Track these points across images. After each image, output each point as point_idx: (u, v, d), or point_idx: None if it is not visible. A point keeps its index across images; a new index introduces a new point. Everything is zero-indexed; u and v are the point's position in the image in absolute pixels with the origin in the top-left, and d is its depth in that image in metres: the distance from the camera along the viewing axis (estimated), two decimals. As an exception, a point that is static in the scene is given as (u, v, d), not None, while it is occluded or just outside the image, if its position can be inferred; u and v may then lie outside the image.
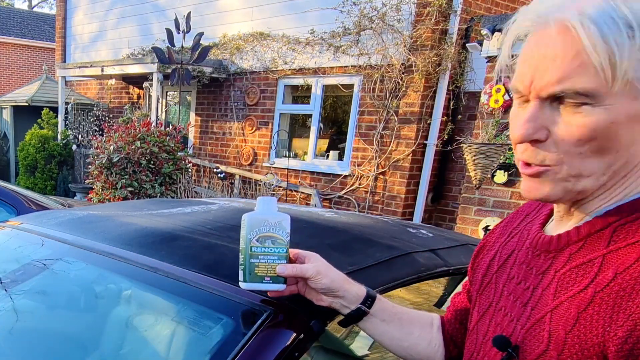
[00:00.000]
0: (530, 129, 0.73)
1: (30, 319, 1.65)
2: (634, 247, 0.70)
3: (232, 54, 8.43)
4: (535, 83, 0.72)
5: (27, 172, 10.17)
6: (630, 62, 0.66)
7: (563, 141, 0.72)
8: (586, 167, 0.72)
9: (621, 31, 0.66)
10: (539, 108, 0.73)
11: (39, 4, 34.27)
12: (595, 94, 0.68)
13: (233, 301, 1.17)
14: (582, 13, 0.68)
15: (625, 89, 0.67)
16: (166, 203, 2.11)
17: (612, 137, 0.69)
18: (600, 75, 0.67)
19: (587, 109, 0.69)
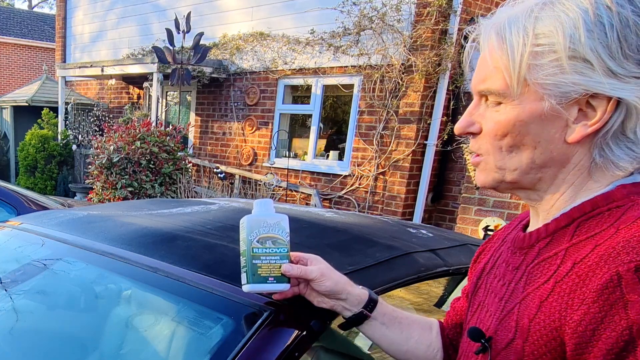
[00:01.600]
0: (464, 122, 0.86)
1: (30, 319, 1.65)
2: (591, 240, 0.75)
3: (232, 54, 8.43)
4: (473, 81, 0.85)
5: (27, 172, 10.17)
6: (524, 66, 0.76)
7: (486, 135, 0.83)
8: (508, 162, 0.82)
9: (519, 38, 0.76)
10: (475, 104, 0.85)
11: (39, 4, 34.28)
12: (504, 94, 0.79)
13: (233, 301, 1.17)
14: (495, 25, 0.80)
15: (526, 90, 0.77)
16: (166, 203, 2.11)
17: (523, 133, 0.78)
18: (503, 78, 0.78)
19: (502, 107, 0.80)
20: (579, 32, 0.73)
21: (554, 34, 0.74)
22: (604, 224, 0.75)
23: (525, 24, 0.76)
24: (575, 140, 0.76)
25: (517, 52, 0.76)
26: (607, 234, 0.74)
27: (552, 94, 0.75)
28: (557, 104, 0.75)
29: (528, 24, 0.76)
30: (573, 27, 0.73)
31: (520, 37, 0.76)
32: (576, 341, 0.70)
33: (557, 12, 0.74)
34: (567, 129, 0.76)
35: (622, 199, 0.76)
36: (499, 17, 0.80)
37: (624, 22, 0.72)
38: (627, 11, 0.72)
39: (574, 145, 0.77)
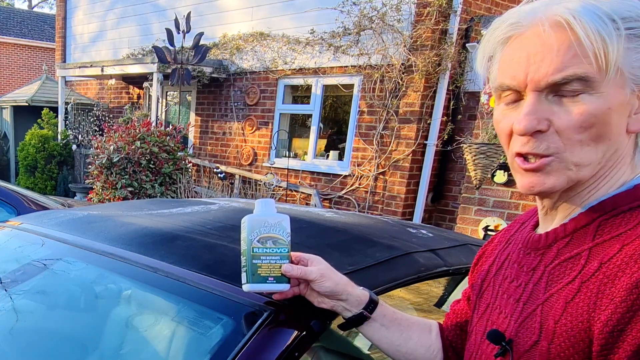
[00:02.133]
0: (534, 121, 0.76)
1: (30, 319, 1.65)
2: (617, 239, 0.74)
3: (232, 54, 8.43)
4: (531, 76, 0.76)
5: (27, 172, 10.17)
6: (619, 51, 0.72)
7: (565, 129, 0.75)
8: (585, 156, 0.76)
9: (606, 24, 0.72)
10: (537, 101, 0.76)
11: (39, 4, 34.28)
12: (593, 80, 0.73)
13: (233, 301, 1.17)
14: (570, 9, 0.74)
15: (616, 77, 0.73)
16: (166, 203, 2.11)
17: (608, 123, 0.74)
18: (594, 64, 0.72)
19: (585, 96, 0.74)
20: None
21: None
22: (628, 223, 0.75)
23: (604, 10, 0.73)
24: (639, 130, 0.76)
25: (612, 35, 0.72)
26: (634, 234, 0.73)
27: (634, 80, 0.74)
28: (636, 90, 0.74)
29: (606, 9, 0.73)
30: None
31: (607, 23, 0.72)
32: (603, 342, 0.69)
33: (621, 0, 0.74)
34: (628, 119, 0.76)
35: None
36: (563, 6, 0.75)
37: None
38: None
39: (627, 135, 0.77)
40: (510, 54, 0.79)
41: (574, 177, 0.77)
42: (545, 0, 0.78)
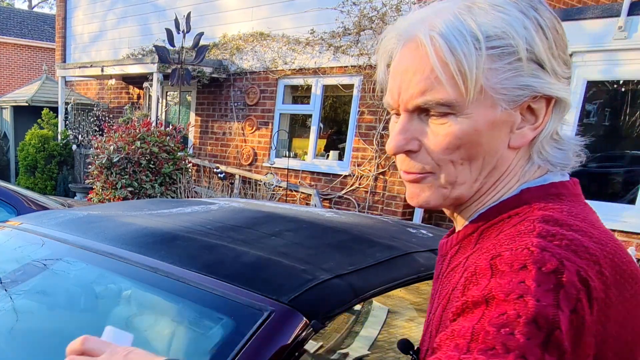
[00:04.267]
0: (402, 141, 0.76)
1: (30, 319, 1.65)
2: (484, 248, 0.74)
3: (232, 54, 8.43)
4: (401, 96, 0.76)
5: (27, 172, 10.17)
6: (480, 72, 0.70)
7: (434, 150, 0.75)
8: (459, 175, 0.76)
9: (468, 43, 0.70)
10: (408, 120, 0.76)
11: (39, 4, 34.27)
12: (455, 104, 0.71)
13: (233, 301, 1.17)
14: (432, 29, 0.72)
15: (481, 97, 0.71)
16: (166, 203, 2.11)
17: (477, 143, 0.73)
18: (454, 87, 0.71)
19: (452, 118, 0.73)
20: (530, 32, 0.71)
21: (508, 35, 0.70)
22: (499, 231, 0.75)
23: (468, 27, 0.70)
24: (522, 145, 0.75)
25: (472, 56, 0.70)
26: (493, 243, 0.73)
27: (505, 99, 0.72)
28: (511, 109, 0.72)
29: (471, 26, 0.70)
30: (522, 28, 0.70)
31: (469, 42, 0.70)
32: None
33: (496, 14, 0.71)
34: (510, 135, 0.74)
35: (523, 204, 0.75)
36: (428, 23, 0.73)
37: (552, 24, 0.73)
38: (548, 14, 0.73)
39: (513, 150, 0.76)
40: (393, 68, 0.78)
41: (448, 194, 0.78)
42: (426, 11, 0.76)
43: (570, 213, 0.72)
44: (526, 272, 0.63)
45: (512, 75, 0.71)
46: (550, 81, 0.72)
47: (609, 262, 0.66)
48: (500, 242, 0.70)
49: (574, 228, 0.68)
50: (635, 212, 4.63)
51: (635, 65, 4.64)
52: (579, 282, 0.62)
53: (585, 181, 5.37)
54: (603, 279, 0.64)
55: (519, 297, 0.61)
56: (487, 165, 0.75)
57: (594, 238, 0.68)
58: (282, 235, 1.51)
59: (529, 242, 0.65)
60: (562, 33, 0.75)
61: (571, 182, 0.79)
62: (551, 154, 0.77)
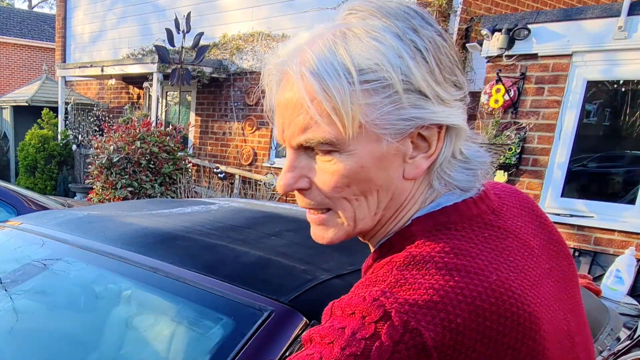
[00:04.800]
0: (291, 179, 0.73)
1: (30, 319, 1.65)
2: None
3: (232, 54, 8.43)
4: (285, 133, 0.72)
5: (27, 172, 10.17)
6: (356, 108, 0.65)
7: (323, 189, 0.71)
8: (357, 211, 0.72)
9: (340, 78, 0.65)
10: (295, 157, 0.72)
11: (39, 4, 34.28)
12: (335, 142, 0.67)
13: (233, 301, 1.17)
14: (303, 63, 0.67)
15: (363, 133, 0.67)
16: (166, 203, 2.11)
17: (366, 179, 0.69)
18: (331, 125, 0.66)
19: (336, 155, 0.69)
20: (405, 61, 0.66)
21: (381, 67, 0.65)
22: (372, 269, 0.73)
23: (340, 60, 0.65)
24: (417, 176, 0.71)
25: (345, 93, 0.65)
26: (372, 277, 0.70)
27: (389, 132, 0.67)
28: (396, 141, 0.68)
29: (343, 59, 0.65)
30: (397, 57, 0.65)
31: (341, 76, 0.65)
32: None
33: (370, 42, 0.66)
34: (404, 165, 0.70)
35: (410, 237, 0.72)
36: (300, 56, 0.68)
37: (434, 44, 0.68)
38: (431, 33, 0.69)
39: (410, 180, 0.72)
40: (276, 102, 0.74)
41: (351, 231, 0.75)
42: (299, 43, 0.71)
43: (443, 250, 0.68)
44: (351, 319, 0.63)
45: (392, 109, 0.66)
46: (435, 110, 0.68)
47: (466, 307, 0.62)
48: (359, 285, 0.70)
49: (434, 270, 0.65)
50: (635, 212, 4.63)
51: (635, 65, 4.64)
52: (405, 334, 0.60)
53: (585, 181, 5.34)
54: (451, 327, 0.61)
55: (329, 343, 0.62)
56: (383, 198, 0.72)
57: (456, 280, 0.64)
58: (282, 235, 1.51)
59: (370, 291, 0.65)
60: (448, 50, 0.70)
61: (469, 202, 0.73)
62: (455, 177, 0.73)
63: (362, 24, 0.67)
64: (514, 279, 0.68)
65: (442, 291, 0.63)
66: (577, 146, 5.00)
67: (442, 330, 0.61)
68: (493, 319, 0.63)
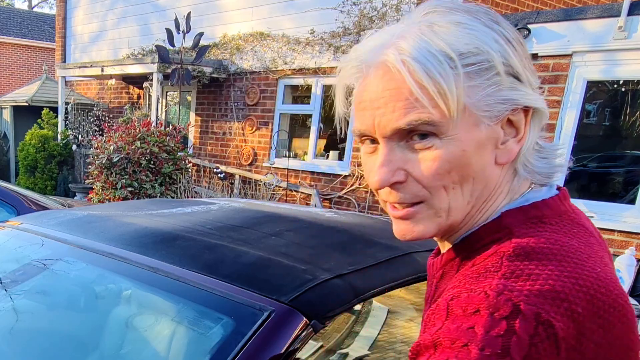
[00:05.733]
0: (388, 173, 0.72)
1: (30, 319, 1.65)
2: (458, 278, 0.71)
3: (232, 54, 8.43)
4: (377, 121, 0.72)
5: (27, 172, 10.17)
6: (460, 90, 0.67)
7: (423, 177, 0.71)
8: (452, 200, 0.72)
9: (442, 63, 0.67)
10: (389, 150, 0.72)
11: (39, 4, 34.28)
12: (439, 124, 0.68)
13: (233, 301, 1.17)
14: (401, 52, 0.69)
15: (465, 116, 0.68)
16: (166, 203, 2.11)
17: (466, 165, 0.70)
18: (435, 108, 0.67)
19: (437, 142, 0.69)
20: (503, 46, 0.69)
21: (482, 51, 0.68)
22: (472, 262, 0.72)
23: (438, 48, 0.67)
24: (509, 160, 0.73)
25: (449, 76, 0.67)
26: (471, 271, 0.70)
27: (488, 115, 0.69)
28: (493, 124, 0.70)
29: (440, 46, 0.67)
30: (495, 42, 0.69)
31: (442, 62, 0.67)
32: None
33: (463, 30, 0.68)
34: (496, 151, 0.72)
35: (504, 229, 0.72)
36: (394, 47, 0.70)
37: (514, 35, 0.72)
38: (508, 25, 0.72)
39: (499, 167, 0.73)
40: (359, 96, 0.75)
41: (443, 223, 0.74)
42: (384, 36, 0.73)
43: (548, 241, 0.68)
44: (478, 316, 0.61)
45: (493, 91, 0.69)
46: (528, 92, 0.71)
47: (584, 297, 0.63)
48: (466, 278, 0.68)
49: (546, 261, 0.65)
50: (635, 212, 4.63)
51: (635, 65, 4.64)
52: (537, 326, 0.59)
53: (585, 181, 5.33)
54: (574, 317, 0.61)
55: (463, 346, 0.60)
56: (477, 185, 0.72)
57: (568, 271, 0.65)
58: (282, 235, 1.51)
59: (488, 285, 0.63)
60: (525, 45, 0.74)
61: (556, 199, 0.75)
62: (536, 165, 0.75)
63: (446, 19, 0.70)
64: (610, 272, 0.69)
65: (560, 281, 0.63)
66: (577, 146, 5.00)
67: (568, 320, 0.61)
68: (605, 308, 0.64)
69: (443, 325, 0.63)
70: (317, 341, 1.61)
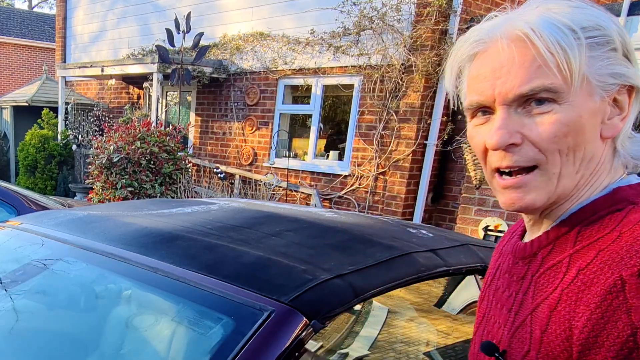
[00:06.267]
0: (506, 135, 0.76)
1: (30, 319, 1.65)
2: (594, 245, 0.74)
3: (232, 54, 8.43)
4: (498, 90, 0.76)
5: (27, 172, 10.17)
6: (583, 60, 0.73)
7: (540, 140, 0.75)
8: (564, 166, 0.76)
9: (566, 35, 0.73)
10: (507, 115, 0.76)
11: (39, 4, 34.27)
12: (560, 90, 0.73)
13: (233, 301, 1.17)
14: (529, 23, 0.75)
15: (583, 85, 0.74)
16: (166, 203, 2.11)
17: (582, 131, 0.75)
18: (559, 75, 0.73)
19: (555, 107, 0.74)
20: (619, 26, 0.76)
21: (602, 26, 0.74)
22: (605, 228, 0.74)
23: (562, 21, 0.74)
24: (614, 135, 0.77)
25: (573, 45, 0.73)
26: (609, 239, 0.72)
27: (601, 87, 0.75)
28: (607, 97, 0.75)
29: (563, 21, 0.74)
30: (611, 22, 0.75)
31: (566, 33, 0.73)
32: (579, 349, 0.69)
33: (583, 10, 0.75)
34: (602, 126, 0.76)
35: (621, 201, 0.76)
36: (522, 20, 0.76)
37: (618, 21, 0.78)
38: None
39: (603, 142, 0.77)
40: (476, 70, 0.80)
41: (553, 190, 0.77)
42: (506, 16, 0.79)
43: None
44: None
45: (608, 64, 0.74)
46: (637, 72, 0.76)
47: None
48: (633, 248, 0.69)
49: None
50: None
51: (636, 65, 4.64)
52: None
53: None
54: None
55: None
56: (587, 154, 0.76)
57: None
58: (282, 235, 1.51)
59: None
60: None
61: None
62: (631, 148, 0.80)
63: (562, 3, 0.76)
64: None
65: None
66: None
67: None
68: None
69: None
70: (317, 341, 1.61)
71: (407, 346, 2.50)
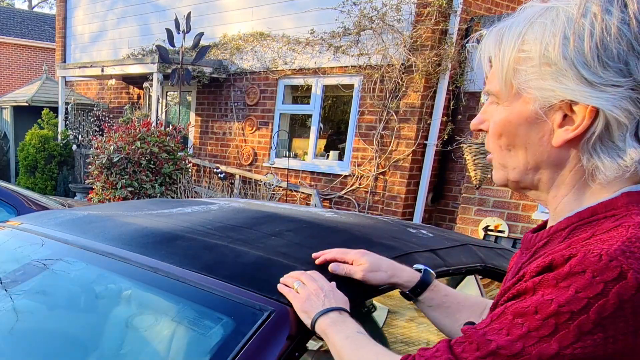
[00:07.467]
0: (477, 119, 0.90)
1: (30, 319, 1.65)
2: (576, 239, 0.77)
3: (232, 54, 8.43)
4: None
5: (27, 172, 10.17)
6: (509, 70, 0.80)
7: (488, 134, 0.88)
8: (508, 160, 0.86)
9: (496, 46, 0.83)
10: (489, 104, 0.88)
11: (39, 4, 34.28)
12: (496, 94, 0.84)
13: (233, 301, 1.17)
14: (500, 27, 0.84)
15: (511, 92, 0.81)
16: (166, 203, 2.11)
17: (513, 134, 0.82)
18: (498, 81, 0.82)
19: (500, 108, 0.84)
20: (555, 40, 0.75)
21: (534, 41, 0.77)
22: (589, 230, 0.76)
23: (521, 30, 0.79)
24: (558, 145, 0.78)
25: (506, 55, 0.80)
26: (582, 238, 0.75)
27: (535, 99, 0.78)
28: (539, 108, 0.78)
29: (523, 29, 0.79)
30: (551, 35, 0.76)
31: (511, 42, 0.80)
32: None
33: (547, 20, 0.77)
34: (553, 133, 0.79)
35: (621, 207, 0.76)
36: (506, 22, 0.83)
37: (606, 31, 0.72)
38: (614, 19, 0.72)
39: (566, 149, 0.79)
40: None
41: (504, 176, 0.88)
42: (516, 14, 0.84)
43: None
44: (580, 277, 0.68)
45: (534, 78, 0.78)
46: (573, 88, 0.74)
47: None
48: (590, 243, 0.73)
49: None
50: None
51: (636, 65, 4.64)
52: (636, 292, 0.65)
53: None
54: None
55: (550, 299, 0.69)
56: (533, 157, 0.82)
57: None
58: (282, 235, 1.51)
59: (607, 248, 0.68)
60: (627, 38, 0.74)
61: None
62: (603, 160, 0.77)
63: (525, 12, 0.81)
64: None
65: None
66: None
67: None
68: None
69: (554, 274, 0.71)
70: (317, 341, 1.61)
71: (407, 346, 2.50)
